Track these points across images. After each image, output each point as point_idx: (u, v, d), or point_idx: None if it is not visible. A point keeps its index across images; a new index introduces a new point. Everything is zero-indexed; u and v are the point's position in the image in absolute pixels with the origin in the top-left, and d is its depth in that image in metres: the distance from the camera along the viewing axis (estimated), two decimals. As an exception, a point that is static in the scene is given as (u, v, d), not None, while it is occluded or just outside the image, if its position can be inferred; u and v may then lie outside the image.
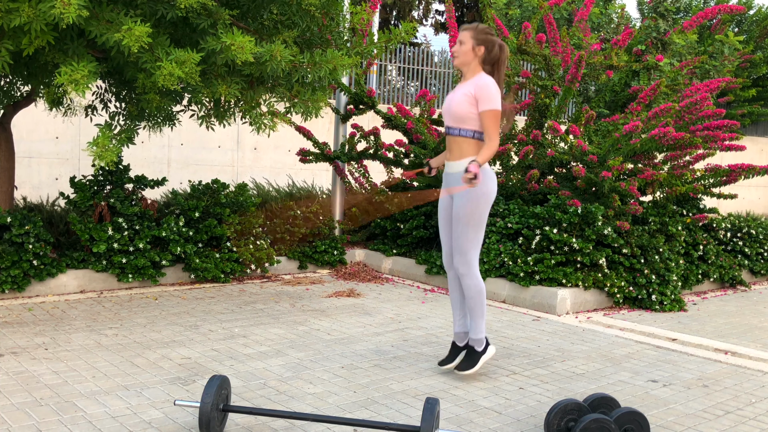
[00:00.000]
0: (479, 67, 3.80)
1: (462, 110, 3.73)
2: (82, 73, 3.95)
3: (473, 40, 3.75)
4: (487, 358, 3.91)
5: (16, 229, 5.28)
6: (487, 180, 3.75)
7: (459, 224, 3.76)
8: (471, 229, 3.75)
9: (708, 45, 10.73)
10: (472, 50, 3.76)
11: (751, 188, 15.54)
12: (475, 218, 3.74)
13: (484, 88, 3.68)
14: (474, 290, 3.82)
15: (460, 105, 3.73)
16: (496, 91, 3.69)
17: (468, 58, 3.77)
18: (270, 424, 3.16)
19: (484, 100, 3.67)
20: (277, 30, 4.96)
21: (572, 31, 8.11)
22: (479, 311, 3.86)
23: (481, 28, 3.78)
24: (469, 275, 3.81)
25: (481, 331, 3.89)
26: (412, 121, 7.35)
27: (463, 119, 3.75)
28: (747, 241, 7.66)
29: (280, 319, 5.07)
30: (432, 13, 23.43)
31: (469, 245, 3.77)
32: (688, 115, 6.70)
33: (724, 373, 4.31)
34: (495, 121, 3.68)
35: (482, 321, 3.88)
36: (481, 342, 3.91)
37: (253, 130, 5.48)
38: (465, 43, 3.76)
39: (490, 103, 3.67)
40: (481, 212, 3.74)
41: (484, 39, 3.76)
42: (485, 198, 3.74)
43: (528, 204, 6.83)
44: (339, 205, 7.93)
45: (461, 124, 3.77)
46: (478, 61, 3.79)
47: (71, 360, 3.91)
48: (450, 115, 3.80)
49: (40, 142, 8.11)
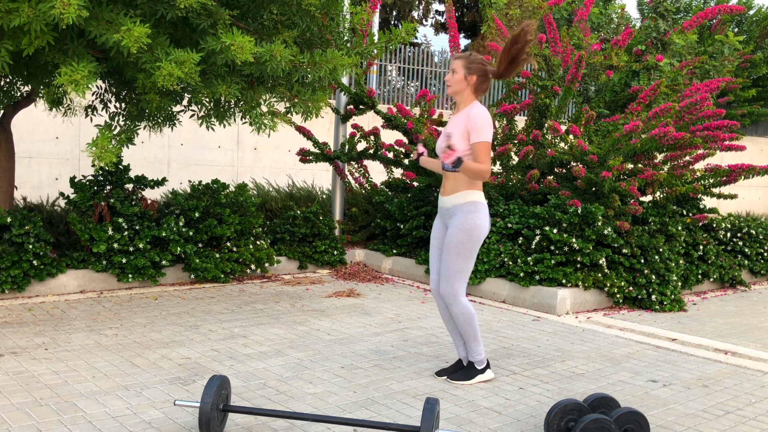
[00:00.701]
0: (472, 96, 3.79)
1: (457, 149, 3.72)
2: (82, 74, 3.95)
3: (465, 69, 3.74)
4: (483, 378, 3.93)
5: (16, 229, 5.28)
6: (481, 213, 3.76)
7: (449, 253, 3.76)
8: (460, 259, 3.75)
9: (708, 45, 10.73)
10: (465, 79, 3.75)
11: (751, 188, 15.54)
12: (466, 249, 3.74)
13: (476, 119, 3.66)
14: (463, 317, 3.83)
15: (456, 144, 3.71)
16: (489, 121, 3.69)
17: (461, 87, 3.77)
18: (270, 424, 3.16)
19: (476, 131, 3.66)
20: (277, 30, 4.96)
21: (572, 31, 8.11)
22: (473, 335, 3.87)
23: (473, 57, 3.76)
24: (456, 303, 3.81)
25: (480, 353, 3.91)
26: (412, 121, 7.35)
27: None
28: (747, 241, 7.66)
29: (280, 319, 5.07)
30: (432, 14, 23.44)
31: (457, 275, 3.77)
32: (688, 115, 6.70)
33: (724, 373, 4.31)
34: (486, 152, 3.68)
35: (478, 344, 3.90)
36: (482, 362, 3.93)
37: (253, 130, 5.48)
38: (457, 72, 3.76)
39: (482, 134, 3.66)
40: (472, 244, 3.75)
41: (477, 68, 3.75)
42: (478, 230, 3.74)
43: (528, 204, 6.83)
44: (339, 205, 7.93)
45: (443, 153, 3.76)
46: (470, 90, 3.78)
47: (71, 360, 3.91)
48: (445, 153, 3.80)
49: (40, 142, 8.11)
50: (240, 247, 6.40)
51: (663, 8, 10.18)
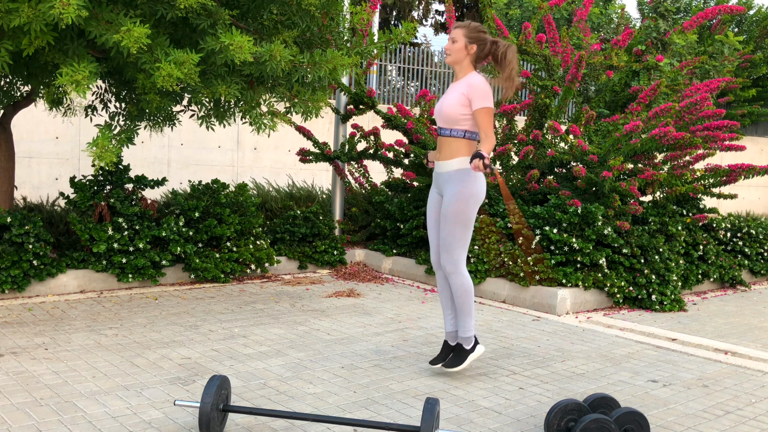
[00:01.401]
0: (471, 66, 3.81)
1: (454, 112, 3.74)
2: (83, 74, 3.95)
3: (466, 38, 3.76)
4: (475, 356, 3.92)
5: (16, 229, 5.28)
6: (477, 180, 3.76)
7: (447, 223, 3.76)
8: (459, 228, 3.75)
9: (708, 45, 10.73)
10: (465, 48, 3.77)
11: (751, 188, 15.54)
12: (464, 217, 3.75)
13: (476, 86, 3.68)
14: (461, 289, 3.82)
15: (452, 107, 3.74)
16: (488, 88, 3.70)
17: (461, 56, 3.78)
18: (270, 424, 3.16)
19: (477, 98, 3.68)
20: (277, 30, 4.96)
21: (572, 32, 8.11)
22: (467, 310, 3.86)
23: (474, 26, 3.78)
24: (456, 273, 3.81)
25: (470, 330, 3.90)
26: (412, 121, 7.35)
27: (455, 121, 3.76)
28: (747, 241, 7.66)
29: (280, 319, 5.07)
30: (432, 13, 23.44)
31: (456, 244, 3.77)
32: (688, 115, 6.70)
33: (724, 373, 4.31)
34: (489, 118, 3.69)
35: (471, 319, 3.89)
36: (470, 340, 3.91)
37: (253, 130, 5.48)
38: (457, 41, 3.77)
39: (483, 100, 3.68)
40: (469, 212, 3.75)
41: (477, 37, 3.76)
42: (474, 198, 3.75)
43: (528, 204, 6.83)
44: (339, 205, 7.93)
45: (452, 125, 3.78)
46: (470, 60, 3.80)
47: (71, 360, 3.91)
48: (441, 117, 3.81)
49: (40, 142, 8.11)
50: (240, 247, 6.40)
51: (663, 8, 10.18)
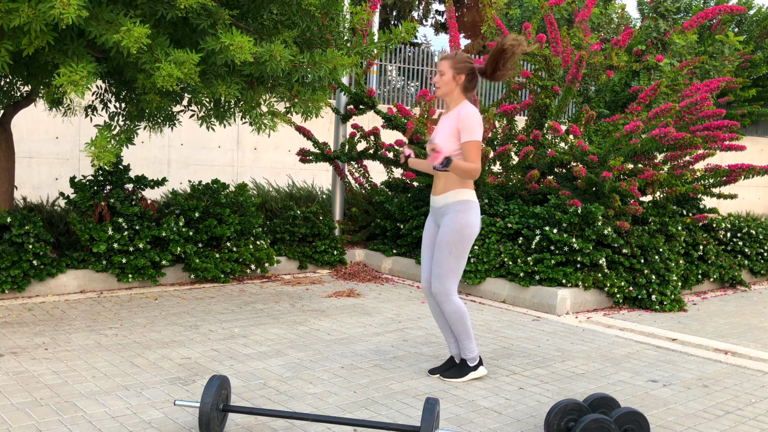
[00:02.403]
0: (462, 96, 3.80)
1: (447, 149, 3.74)
2: (81, 74, 3.95)
3: (453, 69, 3.75)
4: (476, 375, 3.94)
5: (16, 229, 5.28)
6: (472, 212, 3.77)
7: (441, 251, 3.76)
8: (452, 257, 3.75)
9: (708, 45, 10.73)
10: (453, 79, 3.77)
11: (751, 188, 15.54)
12: (458, 248, 3.75)
13: (466, 119, 3.68)
14: (455, 315, 3.83)
15: (446, 144, 3.74)
16: (479, 121, 3.71)
17: (450, 87, 3.78)
18: (270, 424, 3.16)
19: (467, 131, 3.68)
20: (277, 30, 4.96)
21: (573, 32, 8.11)
22: (465, 333, 3.87)
23: (460, 56, 3.78)
24: (448, 302, 3.81)
25: (472, 351, 3.91)
26: (412, 121, 7.35)
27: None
28: (747, 241, 7.66)
29: (280, 319, 5.07)
30: (432, 13, 23.44)
31: (448, 273, 3.77)
32: (688, 115, 6.70)
33: (724, 373, 4.31)
34: (477, 151, 3.69)
35: (470, 342, 3.90)
36: (475, 359, 3.93)
37: (253, 130, 5.48)
38: (445, 73, 3.77)
39: (472, 134, 3.67)
40: (464, 243, 3.75)
41: (464, 67, 3.76)
42: (469, 229, 3.75)
43: (528, 204, 6.83)
44: (339, 205, 7.93)
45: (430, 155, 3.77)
46: (460, 90, 3.79)
47: (71, 360, 3.91)
48: (430, 155, 3.80)
49: (40, 142, 8.11)
50: (240, 247, 6.40)
51: (663, 8, 10.18)
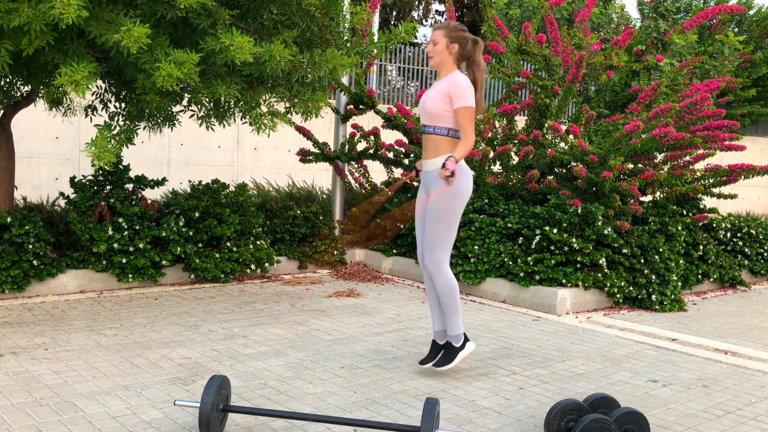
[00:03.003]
0: (454, 65, 3.83)
1: (436, 108, 3.76)
2: (82, 74, 3.95)
3: (446, 38, 3.79)
4: (465, 354, 3.92)
5: (16, 229, 5.28)
6: (463, 177, 3.77)
7: (432, 220, 3.77)
8: (443, 226, 3.76)
9: (708, 45, 10.73)
10: (446, 48, 3.79)
11: (751, 188, 15.54)
12: (448, 215, 3.75)
13: (458, 85, 3.71)
14: (445, 288, 3.82)
15: (435, 103, 3.76)
16: (470, 88, 3.73)
17: (443, 57, 3.81)
18: (270, 424, 3.16)
19: (458, 97, 3.70)
20: (277, 30, 4.96)
21: (573, 32, 8.11)
22: (453, 308, 3.86)
23: (453, 25, 3.81)
24: (439, 273, 3.81)
25: (458, 328, 3.90)
26: (412, 121, 7.35)
27: (438, 117, 3.78)
28: (747, 241, 7.66)
29: (280, 319, 5.07)
30: (432, 14, 23.44)
31: (439, 242, 3.78)
32: (688, 115, 6.70)
33: (724, 373, 4.31)
34: (470, 117, 3.71)
35: (458, 317, 3.89)
36: (459, 338, 3.92)
37: (253, 130, 5.48)
38: (438, 42, 3.80)
39: (464, 100, 3.70)
40: (454, 209, 3.75)
41: (457, 36, 3.79)
42: (460, 196, 3.75)
43: (528, 204, 6.82)
44: (339, 205, 7.93)
45: (436, 122, 3.80)
46: (452, 59, 3.82)
47: (71, 360, 3.91)
48: (425, 114, 3.84)
49: (40, 142, 8.11)
50: (240, 247, 6.40)
51: (663, 8, 10.19)
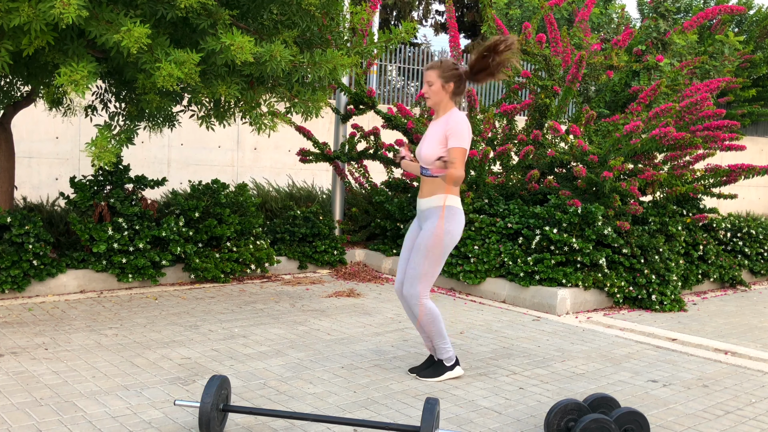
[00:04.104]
0: (451, 103, 3.81)
1: (432, 154, 3.74)
2: (81, 74, 3.95)
3: (441, 79, 3.76)
4: (452, 375, 3.92)
5: (16, 229, 5.28)
6: (455, 219, 3.76)
7: (418, 254, 3.75)
8: (428, 262, 3.74)
9: (708, 45, 10.73)
10: (442, 89, 3.77)
11: (751, 188, 15.54)
12: (436, 253, 3.73)
13: (455, 126, 3.69)
14: (428, 318, 3.80)
15: (433, 150, 3.74)
16: (468, 128, 3.71)
17: (440, 97, 3.79)
18: (270, 424, 3.16)
19: (455, 137, 3.68)
20: (277, 30, 4.96)
21: (573, 32, 8.11)
22: (438, 334, 3.85)
23: (446, 64, 3.77)
24: (419, 305, 3.78)
25: (448, 351, 3.90)
26: (413, 121, 7.35)
27: (434, 163, 3.76)
28: (747, 241, 7.66)
29: (280, 319, 5.07)
30: (432, 14, 23.44)
31: (422, 277, 3.75)
32: (688, 115, 6.70)
33: (724, 373, 4.31)
34: (462, 157, 3.68)
35: (445, 342, 3.88)
36: (451, 359, 3.92)
37: (253, 130, 5.49)
38: (433, 83, 3.77)
39: (460, 140, 3.68)
40: (442, 249, 3.74)
41: (451, 75, 3.76)
42: (449, 236, 3.74)
43: (528, 204, 6.82)
44: (339, 205, 7.93)
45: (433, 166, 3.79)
46: (449, 98, 3.80)
47: (71, 360, 3.91)
48: (422, 159, 3.82)
49: (40, 142, 8.11)
50: (240, 247, 6.40)
51: (663, 8, 10.19)
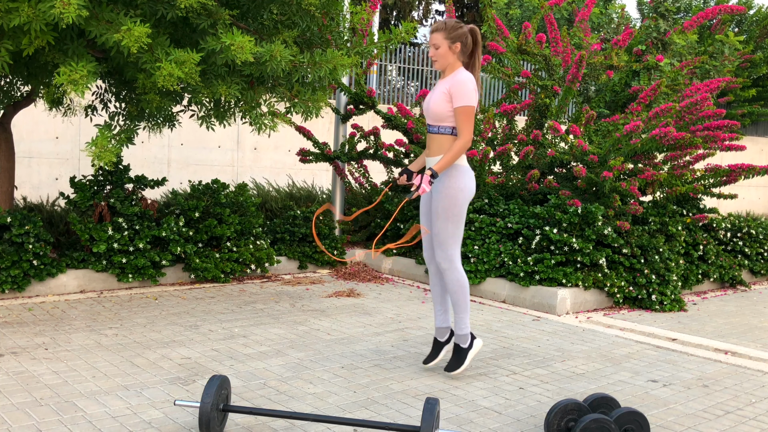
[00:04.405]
0: (458, 63, 3.82)
1: (439, 109, 3.76)
2: (81, 74, 3.95)
3: (447, 40, 3.76)
4: (474, 353, 3.91)
5: (16, 229, 5.28)
6: (465, 175, 3.77)
7: (438, 219, 3.78)
8: (450, 223, 3.76)
9: (708, 45, 10.72)
10: (449, 50, 3.78)
11: (751, 188, 15.54)
12: (454, 212, 3.76)
13: (460, 84, 3.70)
14: (456, 284, 3.81)
15: (438, 104, 3.76)
16: (473, 86, 3.72)
17: (448, 59, 3.79)
18: (270, 424, 3.16)
19: (459, 96, 3.70)
20: (277, 30, 4.96)
21: (573, 32, 8.11)
22: (463, 306, 3.85)
23: (450, 25, 3.78)
24: (451, 269, 3.80)
25: (466, 327, 3.89)
26: (413, 121, 7.35)
27: (441, 117, 3.78)
28: (747, 241, 7.66)
29: (280, 319, 5.06)
30: (432, 14, 23.44)
31: (449, 240, 3.78)
32: (688, 115, 6.70)
33: (724, 373, 4.31)
34: (468, 117, 3.70)
35: (466, 316, 3.88)
36: (466, 338, 3.91)
37: (254, 130, 5.48)
38: (440, 45, 3.77)
39: (464, 99, 3.69)
40: (459, 207, 3.76)
41: (457, 35, 3.77)
42: (462, 193, 3.76)
43: (528, 204, 6.82)
44: (339, 205, 7.93)
45: (440, 122, 3.80)
46: (456, 58, 3.81)
47: (71, 360, 3.91)
48: (429, 114, 3.84)
49: (40, 142, 8.11)
50: (240, 247, 6.40)
51: (663, 8, 10.19)
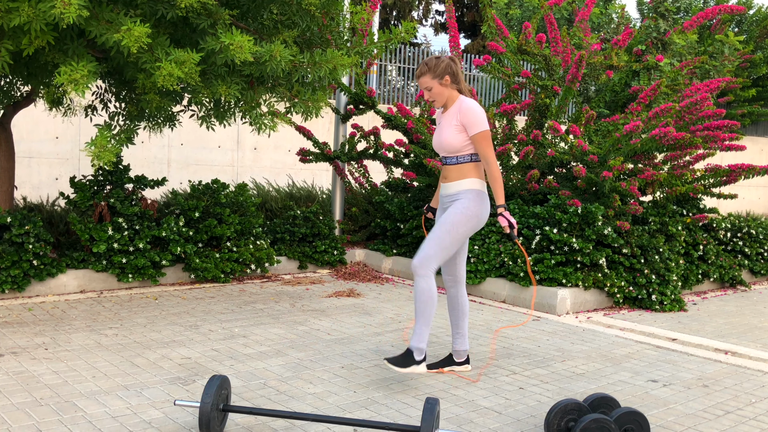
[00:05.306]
0: (455, 93, 3.84)
1: (455, 141, 3.76)
2: (81, 73, 3.95)
3: (436, 79, 3.78)
4: (417, 370, 3.75)
5: (16, 229, 5.28)
6: (484, 205, 3.80)
7: (442, 227, 3.75)
8: (450, 237, 3.73)
9: (708, 45, 10.72)
10: (442, 86, 3.79)
11: (751, 188, 15.54)
12: (459, 231, 3.74)
13: (469, 112, 3.71)
14: (427, 294, 3.71)
15: (452, 138, 3.76)
16: (480, 110, 3.74)
17: (444, 95, 3.81)
18: (270, 424, 3.16)
19: (472, 124, 3.71)
20: (277, 30, 4.96)
21: (573, 31, 8.11)
22: (427, 318, 3.73)
23: (432, 64, 3.78)
24: (426, 277, 3.71)
25: (423, 341, 3.74)
26: (412, 121, 7.35)
27: (458, 149, 3.79)
28: (747, 241, 7.66)
29: (280, 319, 5.07)
30: (432, 14, 23.45)
31: (439, 251, 3.73)
32: (688, 115, 6.70)
33: (724, 373, 4.31)
34: (488, 141, 3.73)
35: (427, 330, 3.75)
36: (421, 352, 3.75)
37: (254, 130, 5.49)
38: (432, 87, 3.79)
39: (479, 125, 3.71)
40: (466, 229, 3.76)
41: (443, 70, 3.77)
42: (476, 220, 3.77)
43: (528, 204, 6.82)
44: (339, 205, 7.93)
45: (457, 153, 3.81)
46: (451, 89, 3.83)
47: (71, 360, 3.91)
48: (443, 149, 3.84)
49: (40, 142, 8.11)
50: (240, 247, 6.40)
51: (663, 8, 10.19)
